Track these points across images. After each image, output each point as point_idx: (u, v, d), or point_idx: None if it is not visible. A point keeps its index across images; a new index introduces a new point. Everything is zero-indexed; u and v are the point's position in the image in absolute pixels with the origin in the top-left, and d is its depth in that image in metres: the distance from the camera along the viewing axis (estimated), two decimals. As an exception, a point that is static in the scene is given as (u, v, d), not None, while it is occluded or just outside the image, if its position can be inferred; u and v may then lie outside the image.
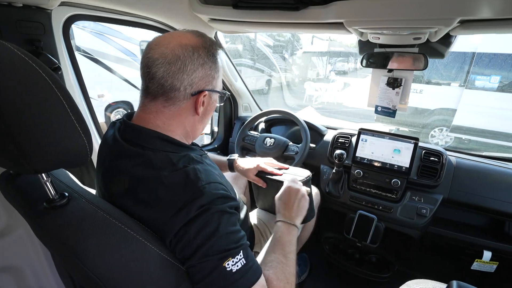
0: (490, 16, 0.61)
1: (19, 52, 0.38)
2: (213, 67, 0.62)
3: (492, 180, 1.20)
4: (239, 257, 0.51)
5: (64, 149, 0.42)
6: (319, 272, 1.56)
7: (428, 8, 0.63)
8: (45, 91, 0.40)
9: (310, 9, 0.80)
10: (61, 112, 0.41)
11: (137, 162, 0.55)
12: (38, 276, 1.02)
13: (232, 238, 0.52)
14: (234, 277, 0.50)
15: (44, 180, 0.44)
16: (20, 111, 0.37)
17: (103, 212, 0.47)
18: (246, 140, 1.50)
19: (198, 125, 0.67)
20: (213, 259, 0.49)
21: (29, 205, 0.48)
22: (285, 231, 0.72)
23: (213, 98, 0.66)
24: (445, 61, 5.00)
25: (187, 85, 0.58)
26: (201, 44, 0.59)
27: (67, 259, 0.43)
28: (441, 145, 5.24)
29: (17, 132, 0.37)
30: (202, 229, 0.50)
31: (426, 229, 1.24)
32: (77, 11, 0.93)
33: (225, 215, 0.53)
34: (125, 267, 0.45)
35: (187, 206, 0.50)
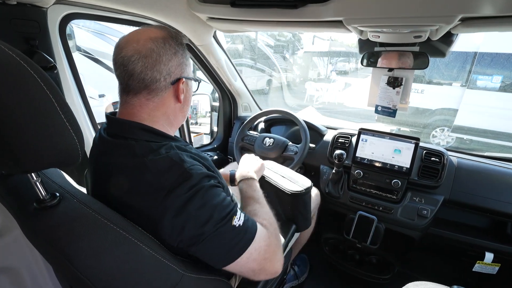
0: (492, 13, 0.60)
1: (9, 50, 0.37)
2: (184, 55, 0.65)
3: (494, 180, 1.18)
4: (239, 214, 0.59)
5: (55, 149, 0.41)
6: (319, 273, 1.55)
7: (429, 5, 0.61)
8: (34, 90, 0.39)
9: (309, 7, 0.79)
10: (51, 111, 0.40)
11: (121, 152, 0.57)
12: (35, 277, 1.01)
13: (228, 202, 0.59)
14: (243, 228, 0.58)
15: (34, 180, 0.43)
16: (9, 110, 0.36)
17: (94, 213, 0.46)
18: (245, 140, 1.48)
19: (179, 113, 0.69)
20: (224, 223, 0.55)
21: (19, 205, 0.48)
22: (247, 187, 0.82)
23: (189, 85, 0.70)
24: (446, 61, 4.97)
25: (166, 75, 0.61)
26: (168, 35, 0.62)
27: (58, 261, 0.42)
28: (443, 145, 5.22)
29: (5, 131, 0.36)
30: (204, 205, 0.54)
31: (427, 230, 1.23)
32: (74, 10, 0.92)
33: (216, 188, 0.58)
34: (117, 268, 0.44)
35: (177, 189, 0.52)
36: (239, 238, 0.57)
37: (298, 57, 9.34)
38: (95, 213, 0.46)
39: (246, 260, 0.58)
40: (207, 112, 2.06)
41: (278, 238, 0.69)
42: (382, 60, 1.13)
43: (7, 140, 0.37)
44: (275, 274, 0.65)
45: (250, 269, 0.60)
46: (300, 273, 1.50)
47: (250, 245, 0.58)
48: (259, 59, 7.37)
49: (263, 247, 0.61)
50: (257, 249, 0.59)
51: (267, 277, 0.65)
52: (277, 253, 0.65)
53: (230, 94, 1.77)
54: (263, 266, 0.61)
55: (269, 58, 7.71)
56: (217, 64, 1.52)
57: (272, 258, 0.63)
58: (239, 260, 0.57)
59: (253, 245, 0.59)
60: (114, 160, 0.57)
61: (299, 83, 8.56)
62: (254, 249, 0.59)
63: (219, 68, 1.55)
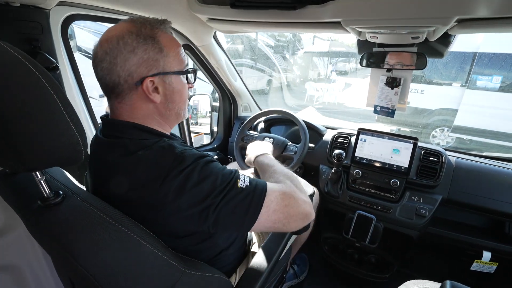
0: (487, 15, 0.61)
1: (13, 50, 0.39)
2: (150, 49, 0.57)
3: (492, 180, 1.19)
4: (243, 177, 0.59)
5: (58, 147, 0.42)
6: (318, 272, 1.56)
7: (425, 7, 0.63)
8: (39, 90, 0.40)
9: (308, 8, 0.80)
10: (55, 111, 0.41)
11: (115, 151, 0.57)
12: (37, 275, 1.02)
13: (228, 171, 0.59)
14: (251, 187, 0.58)
15: (38, 179, 0.44)
16: (14, 109, 0.37)
17: (97, 210, 0.47)
18: (245, 140, 1.49)
19: (166, 112, 0.64)
20: (230, 189, 0.55)
21: (23, 203, 0.49)
22: (263, 164, 0.82)
23: (168, 81, 0.61)
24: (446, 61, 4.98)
25: (126, 77, 0.56)
26: (127, 30, 0.56)
27: (62, 256, 0.43)
28: (442, 146, 5.21)
29: (10, 130, 0.37)
30: (203, 179, 0.54)
31: (425, 229, 1.24)
32: (76, 11, 0.93)
33: (212, 162, 0.58)
34: (119, 265, 0.45)
35: (172, 172, 0.52)
36: (250, 196, 0.57)
37: (298, 57, 9.35)
38: (98, 210, 0.47)
39: (267, 214, 0.58)
40: (207, 112, 2.07)
41: (297, 185, 0.68)
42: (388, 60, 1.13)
43: (12, 139, 0.38)
44: (306, 217, 0.64)
45: (277, 221, 0.60)
46: (299, 272, 1.51)
47: (265, 198, 0.58)
48: (259, 59, 7.38)
49: (279, 196, 0.61)
50: (273, 200, 0.59)
51: (299, 224, 0.64)
52: (297, 197, 0.64)
53: (230, 94, 1.78)
54: (288, 213, 0.61)
55: (269, 58, 7.72)
56: (217, 65, 1.53)
57: (293, 203, 0.62)
58: (260, 217, 0.57)
59: (268, 197, 0.59)
60: (110, 159, 0.57)
61: (299, 83, 8.57)
62: (270, 201, 0.59)
63: (219, 69, 1.56)
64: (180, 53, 0.63)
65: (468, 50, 4.67)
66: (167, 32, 0.62)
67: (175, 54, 0.62)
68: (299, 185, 0.69)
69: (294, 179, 0.71)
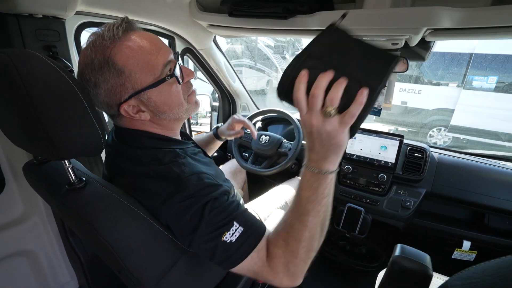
0: (451, 26, 0.69)
1: (49, 61, 0.48)
2: (111, 77, 0.54)
3: (473, 175, 1.28)
4: (235, 228, 0.53)
5: (84, 140, 0.51)
6: (312, 263, 1.65)
7: (398, 19, 0.71)
8: (69, 92, 0.49)
9: (297, 17, 0.89)
10: (81, 109, 0.50)
11: (130, 159, 0.61)
12: (50, 259, 1.11)
13: (222, 216, 0.54)
14: (235, 246, 0.53)
15: (67, 166, 0.53)
16: (51, 108, 0.46)
17: (115, 194, 0.56)
18: (243, 138, 1.58)
19: (161, 121, 0.64)
20: (211, 238, 0.53)
21: (53, 188, 0.58)
22: (303, 183, 0.55)
23: (146, 97, 0.58)
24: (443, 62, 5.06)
25: (106, 108, 0.60)
26: (83, 63, 0.56)
27: (86, 231, 0.52)
28: (440, 145, 5.25)
29: (49, 125, 0.46)
30: (191, 219, 0.53)
31: (410, 220, 1.32)
32: (88, 19, 1.02)
33: (211, 201, 0.54)
34: (135, 240, 0.54)
35: (172, 198, 0.54)
36: (228, 254, 0.53)
37: (298, 57, 9.40)
38: (115, 194, 0.56)
39: (240, 269, 0.55)
40: (207, 112, 2.15)
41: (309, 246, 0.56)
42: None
43: (50, 134, 0.47)
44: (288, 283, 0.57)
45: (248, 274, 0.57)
46: (294, 263, 1.59)
47: (240, 263, 0.54)
48: (259, 60, 7.46)
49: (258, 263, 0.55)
50: (247, 266, 0.55)
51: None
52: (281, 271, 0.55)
53: (229, 95, 1.87)
54: (260, 277, 0.57)
55: (269, 59, 7.79)
56: (217, 67, 1.62)
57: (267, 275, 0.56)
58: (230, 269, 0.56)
59: (243, 264, 0.54)
60: (124, 165, 0.62)
61: (298, 83, 8.62)
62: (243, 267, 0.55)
63: (219, 71, 1.65)
64: (147, 60, 0.56)
65: (464, 51, 4.75)
66: (123, 41, 0.55)
67: (140, 66, 0.55)
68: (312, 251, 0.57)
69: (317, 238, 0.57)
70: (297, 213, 0.55)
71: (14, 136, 0.56)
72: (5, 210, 0.97)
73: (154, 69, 0.57)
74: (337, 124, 0.47)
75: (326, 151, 0.51)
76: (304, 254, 0.55)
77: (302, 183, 0.55)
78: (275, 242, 0.56)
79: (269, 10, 0.89)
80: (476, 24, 0.64)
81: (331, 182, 0.54)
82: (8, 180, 0.96)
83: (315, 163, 0.53)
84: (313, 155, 0.53)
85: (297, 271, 0.56)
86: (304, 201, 0.54)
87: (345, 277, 1.56)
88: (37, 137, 0.46)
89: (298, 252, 0.54)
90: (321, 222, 0.56)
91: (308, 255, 0.56)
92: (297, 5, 0.85)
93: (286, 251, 0.55)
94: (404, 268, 0.46)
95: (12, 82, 0.43)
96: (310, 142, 0.52)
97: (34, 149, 0.53)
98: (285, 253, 0.55)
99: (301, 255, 0.55)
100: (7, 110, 0.48)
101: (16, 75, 0.42)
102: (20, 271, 1.06)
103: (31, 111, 0.44)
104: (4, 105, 0.48)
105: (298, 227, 0.54)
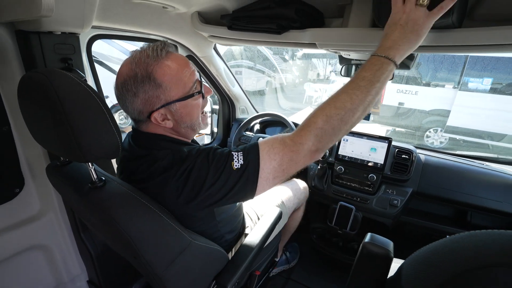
0: (425, 43, 0.79)
1: (77, 79, 0.57)
2: (150, 89, 0.65)
3: (457, 175, 1.37)
4: (235, 156, 0.64)
5: (105, 145, 0.60)
6: (308, 259, 1.74)
7: (375, 37, 0.80)
8: (92, 103, 0.58)
9: (290, 32, 0.98)
10: (103, 118, 0.59)
11: (147, 160, 0.70)
12: (63, 253, 1.21)
13: (222, 156, 0.65)
14: (245, 163, 0.63)
15: (90, 168, 0.62)
16: (80, 119, 0.55)
17: (130, 191, 0.65)
18: (242, 140, 1.68)
19: (180, 129, 0.74)
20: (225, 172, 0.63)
21: (76, 186, 0.67)
22: (366, 65, 0.62)
23: (175, 108, 0.69)
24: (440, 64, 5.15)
25: (137, 114, 0.69)
26: (127, 76, 0.65)
27: (107, 223, 0.61)
28: (436, 146, 5.29)
29: (78, 132, 0.55)
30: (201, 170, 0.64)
31: (398, 218, 1.41)
32: (98, 32, 1.12)
33: (210, 152, 0.66)
34: (146, 230, 0.63)
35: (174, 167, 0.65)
36: (247, 173, 0.63)
37: (297, 58, 9.49)
38: (130, 191, 0.65)
39: (266, 180, 0.64)
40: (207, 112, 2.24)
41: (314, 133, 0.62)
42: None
43: (78, 139, 0.55)
44: (308, 159, 0.64)
45: (281, 174, 0.65)
46: (291, 258, 1.69)
47: (259, 174, 0.63)
48: (259, 60, 7.54)
49: (276, 161, 0.63)
50: (270, 169, 0.63)
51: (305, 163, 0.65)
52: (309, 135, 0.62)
53: (228, 99, 1.96)
54: (288, 168, 0.64)
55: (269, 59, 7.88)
56: (217, 73, 1.71)
57: (294, 145, 0.63)
58: (259, 185, 0.64)
59: (262, 173, 0.63)
60: (139, 167, 0.70)
61: (298, 84, 8.71)
62: (266, 172, 0.63)
63: (219, 76, 1.74)
64: (181, 78, 0.68)
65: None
66: (163, 60, 0.66)
67: (174, 82, 0.67)
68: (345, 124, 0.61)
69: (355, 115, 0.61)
70: (348, 87, 0.61)
71: (46, 141, 0.65)
72: (24, 207, 1.06)
73: (185, 85, 0.69)
74: (425, 14, 0.58)
75: (403, 39, 0.60)
76: (337, 122, 0.60)
77: (365, 65, 0.62)
78: (315, 117, 0.62)
79: (264, 25, 0.98)
80: (442, 43, 0.74)
81: (390, 73, 0.61)
82: (27, 180, 1.05)
83: (386, 49, 0.60)
84: (387, 42, 0.61)
85: (325, 139, 0.62)
86: (360, 79, 0.61)
87: (338, 271, 1.65)
88: (68, 143, 0.55)
89: (332, 118, 0.60)
90: (365, 101, 0.61)
91: (340, 126, 0.61)
92: (290, 21, 0.94)
93: (322, 114, 0.61)
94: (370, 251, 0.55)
95: (50, 97, 0.52)
96: (392, 29, 0.61)
97: (63, 152, 0.62)
98: (319, 117, 0.61)
99: (334, 122, 0.60)
100: (45, 120, 0.57)
101: (53, 92, 0.52)
102: (36, 263, 1.15)
103: (64, 121, 0.53)
104: (43, 116, 0.57)
105: (343, 97, 0.60)
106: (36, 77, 0.54)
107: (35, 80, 0.54)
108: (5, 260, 1.04)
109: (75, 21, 0.84)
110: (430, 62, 5.29)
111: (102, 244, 1.18)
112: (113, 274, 1.26)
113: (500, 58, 4.59)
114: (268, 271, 1.48)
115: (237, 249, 0.99)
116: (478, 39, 0.70)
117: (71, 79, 0.55)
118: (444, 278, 0.35)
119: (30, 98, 0.58)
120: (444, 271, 0.35)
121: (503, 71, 4.67)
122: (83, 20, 0.85)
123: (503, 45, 0.70)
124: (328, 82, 8.63)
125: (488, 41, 0.70)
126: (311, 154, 0.63)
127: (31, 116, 0.63)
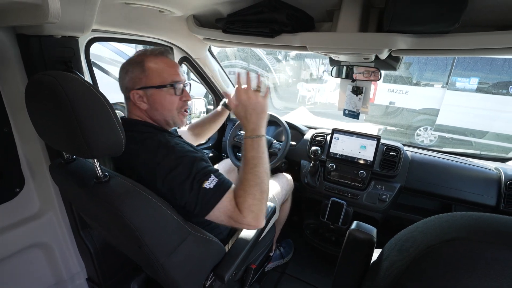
0: (407, 48, 0.85)
1: (85, 82, 0.61)
2: (136, 70, 0.82)
3: (441, 171, 1.44)
4: (211, 179, 0.74)
5: (110, 142, 0.64)
6: (302, 254, 1.80)
7: (362, 41, 0.86)
8: (98, 103, 0.62)
9: (282, 36, 1.03)
10: (109, 118, 0.63)
11: (128, 141, 0.74)
12: (63, 251, 1.23)
13: (204, 171, 0.74)
14: (212, 190, 0.73)
15: (95, 164, 0.66)
16: (88, 118, 0.59)
17: (132, 185, 0.69)
18: (236, 139, 1.72)
19: (153, 117, 0.86)
20: (196, 187, 0.72)
21: (82, 182, 0.70)
22: (247, 147, 0.80)
23: (150, 93, 0.83)
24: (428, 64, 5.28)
25: (124, 90, 0.86)
26: (128, 60, 0.85)
27: (113, 215, 0.65)
28: (426, 144, 5.40)
29: (86, 131, 0.58)
30: (181, 172, 0.73)
31: (387, 212, 1.48)
32: (97, 35, 1.15)
33: (196, 160, 0.75)
34: (150, 221, 0.67)
35: (163, 161, 0.74)
36: (207, 197, 0.72)
37: (290, 59, 9.57)
38: (133, 185, 0.69)
39: (217, 214, 0.74)
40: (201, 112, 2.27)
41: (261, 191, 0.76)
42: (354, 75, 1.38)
43: (86, 137, 0.59)
44: (251, 228, 0.77)
45: (225, 221, 0.75)
46: (285, 253, 1.74)
47: (216, 206, 0.73)
48: (252, 60, 7.59)
49: (230, 207, 0.74)
50: (222, 209, 0.74)
51: (245, 228, 0.78)
52: (247, 212, 0.73)
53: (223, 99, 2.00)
54: (234, 221, 0.75)
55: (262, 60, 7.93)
56: (212, 74, 1.76)
57: (238, 217, 0.73)
58: (211, 214, 0.74)
59: (219, 207, 0.73)
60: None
61: (291, 84, 8.79)
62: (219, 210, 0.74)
63: (214, 77, 1.79)
64: (162, 72, 0.83)
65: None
66: (157, 57, 0.84)
67: (156, 74, 0.83)
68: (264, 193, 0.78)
69: (266, 182, 0.79)
70: (248, 168, 0.78)
71: (54, 139, 0.68)
72: (25, 207, 1.09)
73: (164, 79, 0.84)
74: (262, 97, 0.82)
75: (259, 119, 0.81)
76: (259, 195, 0.76)
77: (246, 148, 0.80)
78: (238, 193, 0.76)
79: (258, 29, 1.03)
80: (424, 47, 0.80)
81: (264, 142, 0.81)
82: (27, 180, 1.07)
83: (253, 131, 0.81)
84: (250, 125, 0.81)
85: (258, 210, 0.75)
86: (251, 159, 0.79)
87: (331, 265, 1.71)
88: (76, 140, 0.59)
89: (254, 194, 0.75)
90: (264, 171, 0.79)
91: (262, 195, 0.77)
92: (282, 26, 0.99)
93: (246, 195, 0.75)
94: (356, 237, 0.61)
95: (59, 98, 0.56)
96: (249, 114, 0.81)
97: (71, 150, 0.65)
98: (246, 197, 0.74)
99: (257, 196, 0.75)
100: (53, 119, 0.60)
101: (62, 93, 0.56)
102: (36, 261, 1.17)
103: (73, 120, 0.57)
104: (52, 116, 0.61)
105: (250, 177, 0.77)
106: (45, 79, 0.58)
107: (45, 82, 0.58)
108: (6, 258, 1.06)
109: (76, 25, 0.87)
110: (421, 63, 5.42)
111: (101, 241, 1.21)
112: (112, 271, 1.28)
113: (484, 58, 4.74)
114: (263, 266, 1.53)
115: (233, 242, 1.04)
116: (466, 44, 0.77)
117: (78, 81, 0.59)
118: (416, 253, 0.40)
119: (39, 99, 0.62)
120: (416, 248, 0.41)
121: (487, 70, 4.83)
122: (84, 24, 0.88)
123: (489, 49, 0.77)
124: (321, 82, 8.73)
125: (474, 45, 0.77)
126: (255, 222, 0.75)
127: (40, 116, 0.66)
